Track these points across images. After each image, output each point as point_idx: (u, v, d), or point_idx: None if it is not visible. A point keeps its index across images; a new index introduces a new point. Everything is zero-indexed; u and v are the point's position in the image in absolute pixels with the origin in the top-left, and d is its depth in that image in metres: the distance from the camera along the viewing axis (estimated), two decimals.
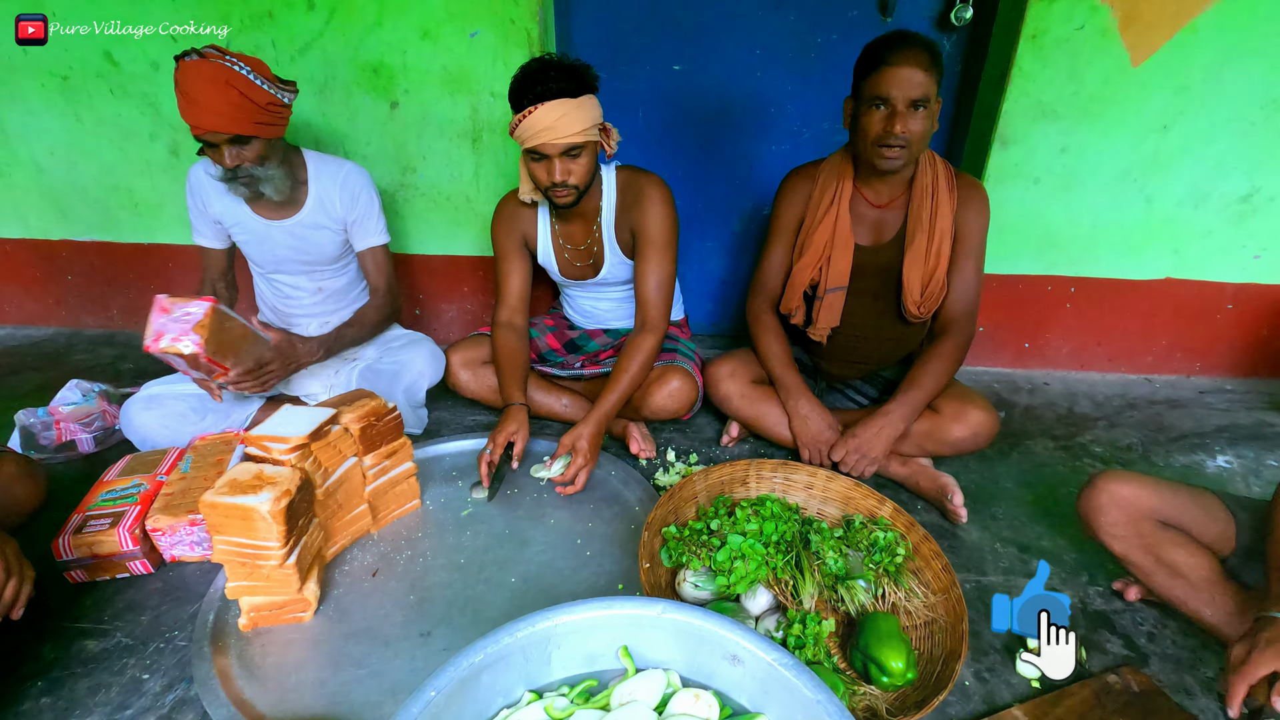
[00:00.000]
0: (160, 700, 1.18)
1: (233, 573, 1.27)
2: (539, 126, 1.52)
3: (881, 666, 1.14)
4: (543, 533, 1.56)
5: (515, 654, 0.98)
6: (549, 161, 1.58)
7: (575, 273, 1.89)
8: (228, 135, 1.59)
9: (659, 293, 1.74)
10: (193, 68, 1.54)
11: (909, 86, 1.45)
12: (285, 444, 1.32)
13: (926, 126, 1.51)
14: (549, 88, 1.49)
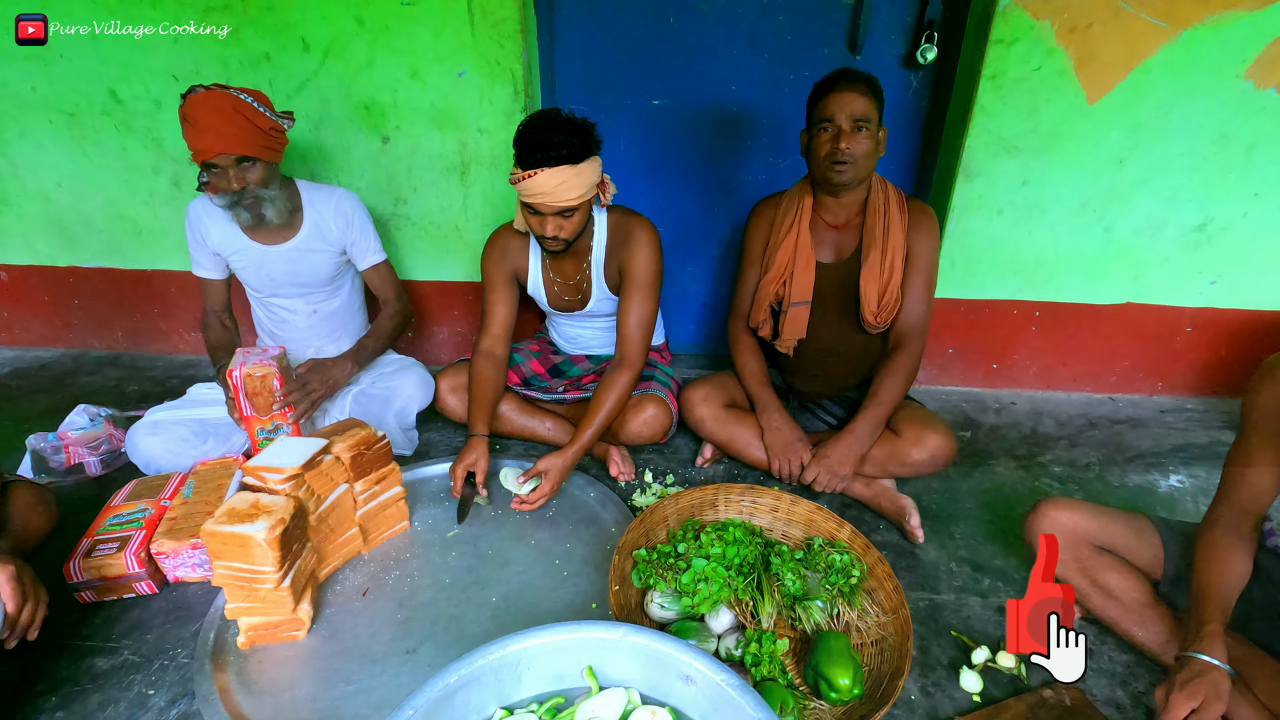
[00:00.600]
0: (165, 715, 1.27)
1: (231, 595, 1.37)
2: (538, 190, 1.60)
3: (830, 683, 1.24)
4: (524, 553, 1.66)
5: (488, 674, 1.08)
6: (543, 217, 1.67)
7: (563, 305, 1.98)
8: (235, 157, 1.71)
9: (639, 330, 1.82)
10: (201, 99, 1.68)
11: (852, 108, 1.62)
12: (280, 474, 1.42)
13: (870, 147, 1.66)
14: (553, 154, 1.56)
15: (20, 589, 1.15)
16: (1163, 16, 1.86)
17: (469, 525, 1.74)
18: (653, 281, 1.83)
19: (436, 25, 2.01)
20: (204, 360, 2.61)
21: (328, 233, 1.95)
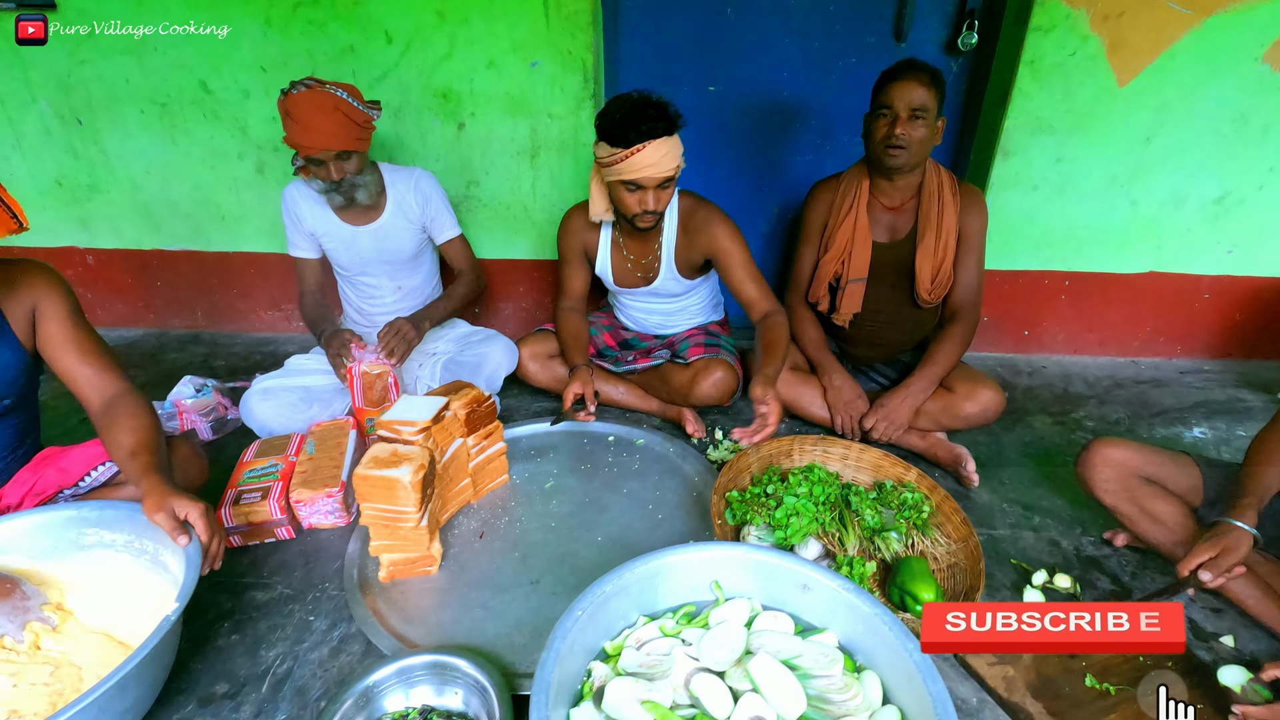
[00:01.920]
0: (328, 636, 1.44)
1: (376, 534, 1.53)
2: (644, 163, 1.71)
3: (915, 597, 1.42)
4: (617, 500, 1.83)
5: (633, 586, 1.25)
6: (644, 192, 1.78)
7: (629, 281, 2.14)
8: (335, 152, 1.86)
9: (760, 288, 1.96)
10: (304, 98, 1.81)
11: (911, 97, 1.76)
12: (413, 426, 1.58)
13: (925, 134, 1.80)
14: (654, 127, 1.69)
15: (210, 523, 1.31)
16: (1188, 4, 2.03)
17: (565, 478, 1.91)
18: (744, 248, 1.97)
19: (513, 18, 2.16)
20: (280, 337, 2.76)
21: (409, 211, 2.11)
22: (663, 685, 1.14)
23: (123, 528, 1.38)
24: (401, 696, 1.24)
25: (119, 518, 1.38)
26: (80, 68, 2.31)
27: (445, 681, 1.25)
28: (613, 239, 2.08)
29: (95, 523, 1.39)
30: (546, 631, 1.40)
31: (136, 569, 1.38)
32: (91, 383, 1.45)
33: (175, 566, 1.35)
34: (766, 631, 1.23)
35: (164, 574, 1.37)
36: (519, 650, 1.39)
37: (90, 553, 1.40)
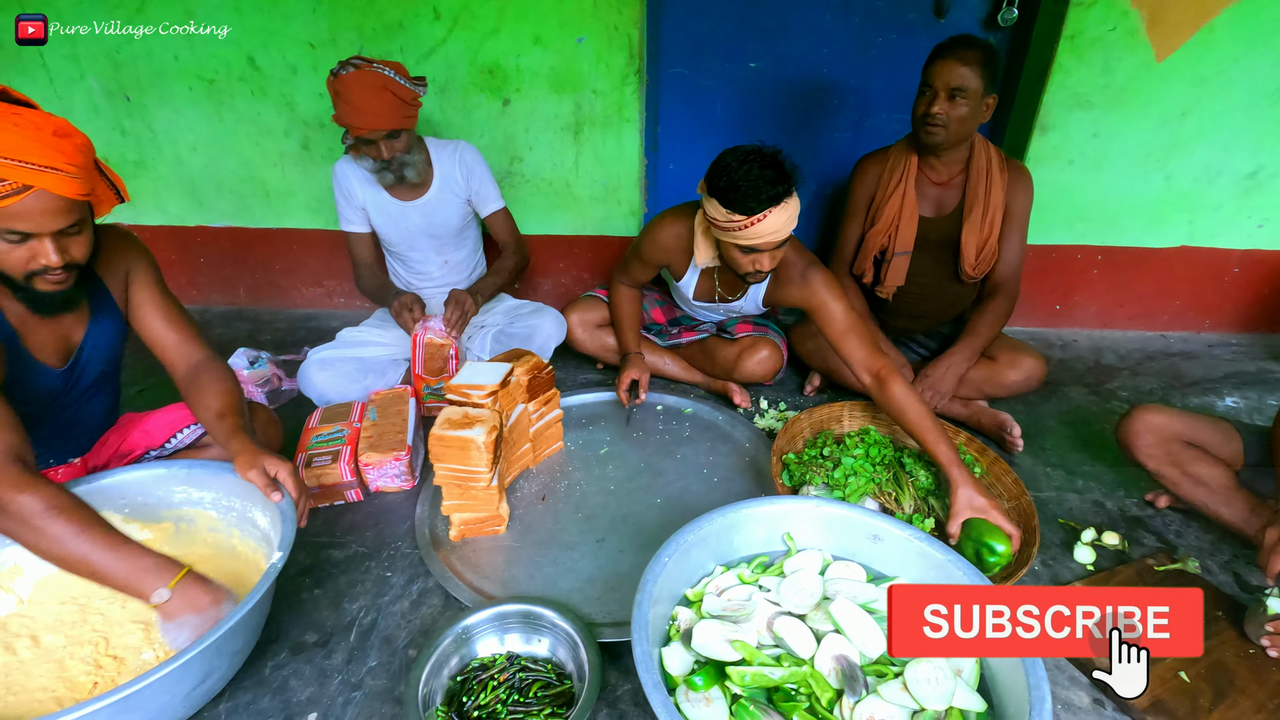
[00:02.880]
0: (407, 590, 1.50)
1: (448, 493, 1.59)
2: (767, 231, 1.60)
3: (990, 549, 1.45)
4: (672, 465, 1.88)
5: (711, 537, 1.31)
6: (760, 255, 1.68)
7: (709, 299, 2.08)
8: (385, 131, 1.89)
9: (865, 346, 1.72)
10: (354, 79, 1.84)
11: (950, 76, 1.78)
12: (482, 390, 1.63)
13: (965, 114, 1.82)
14: (779, 191, 1.57)
15: (298, 482, 1.36)
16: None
17: (619, 444, 1.96)
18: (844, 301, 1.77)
19: None
20: (323, 313, 2.80)
21: (454, 184, 2.15)
22: (747, 627, 1.19)
23: (211, 485, 1.44)
24: (494, 641, 1.29)
25: (208, 476, 1.44)
26: (130, 44, 2.33)
27: (534, 630, 1.30)
28: (703, 270, 1.99)
29: (185, 480, 1.44)
30: (617, 586, 1.48)
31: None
32: (178, 349, 1.50)
33: (263, 522, 1.40)
34: (840, 579, 1.29)
35: (251, 530, 1.43)
36: (593, 603, 1.45)
37: (179, 510, 1.45)
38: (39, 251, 1.17)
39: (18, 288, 1.22)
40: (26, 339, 1.31)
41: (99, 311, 1.41)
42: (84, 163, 1.17)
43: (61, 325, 1.37)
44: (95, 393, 1.49)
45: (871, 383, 1.68)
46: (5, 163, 1.07)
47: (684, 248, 1.92)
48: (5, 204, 1.10)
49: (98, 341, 1.42)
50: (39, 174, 1.10)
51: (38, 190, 1.10)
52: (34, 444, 1.42)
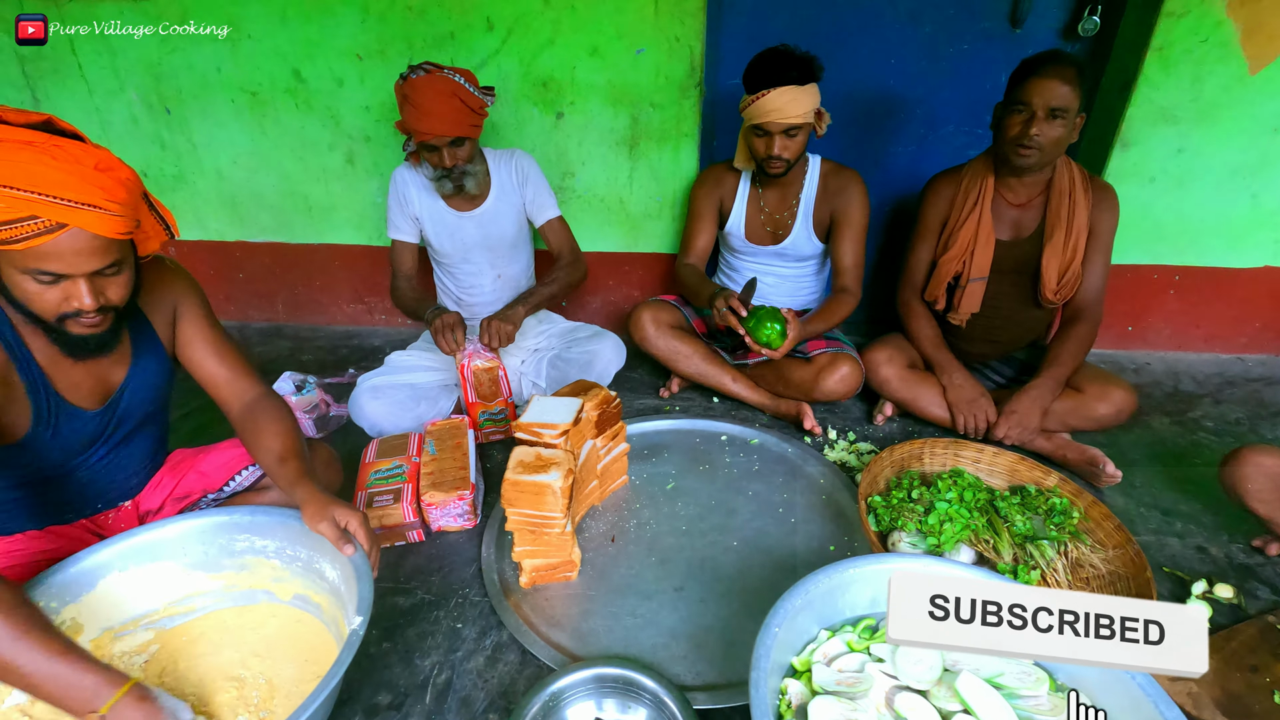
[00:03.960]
0: (480, 644, 1.41)
1: (520, 539, 1.50)
2: (769, 108, 1.82)
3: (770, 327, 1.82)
4: (745, 503, 1.79)
5: (818, 599, 1.21)
6: (770, 138, 1.87)
7: (759, 237, 2.13)
8: (449, 138, 1.83)
9: (854, 262, 2.08)
10: (424, 83, 1.79)
11: (1051, 95, 1.67)
12: (555, 430, 1.54)
13: (1062, 134, 1.72)
14: (783, 75, 1.78)
15: (369, 533, 1.27)
16: None
17: (685, 478, 1.86)
18: (865, 225, 2.08)
19: (620, 2, 2.09)
20: (364, 330, 2.73)
21: (510, 193, 2.09)
22: (865, 704, 1.10)
23: (275, 534, 1.36)
24: (588, 707, 1.21)
25: (271, 524, 1.35)
26: (171, 56, 2.26)
27: (630, 698, 1.22)
28: (750, 191, 2.11)
29: (247, 529, 1.36)
30: (703, 642, 1.40)
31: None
32: (231, 386, 1.42)
33: (331, 574, 1.32)
34: None
35: (319, 581, 1.35)
36: (679, 661, 1.36)
37: (241, 559, 1.37)
38: (72, 294, 1.07)
39: (50, 329, 1.12)
40: (57, 381, 1.21)
41: (142, 350, 1.32)
42: (127, 199, 1.07)
43: (99, 365, 1.27)
44: (137, 433, 1.40)
45: (834, 287, 2.12)
46: (38, 199, 0.98)
47: (729, 182, 2.13)
48: (37, 243, 1.00)
49: (141, 382, 1.33)
50: (75, 211, 1.00)
51: (73, 229, 1.01)
52: (71, 492, 1.35)
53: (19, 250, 1.01)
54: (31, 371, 1.18)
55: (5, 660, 0.94)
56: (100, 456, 1.35)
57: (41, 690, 0.96)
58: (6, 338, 1.14)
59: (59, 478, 1.31)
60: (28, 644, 0.95)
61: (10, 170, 0.97)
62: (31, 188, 0.98)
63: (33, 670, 0.94)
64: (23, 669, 0.94)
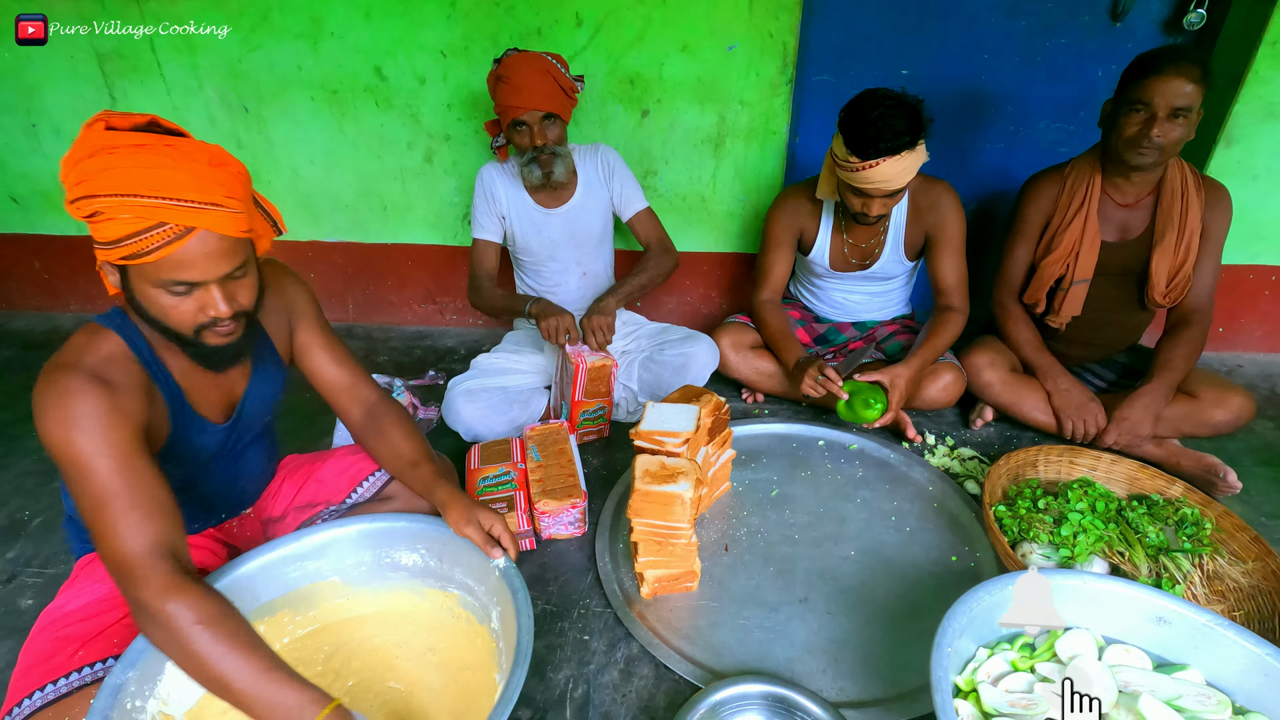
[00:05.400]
0: (611, 657, 1.39)
1: (646, 549, 1.47)
2: (878, 179, 1.69)
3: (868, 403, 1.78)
4: (855, 510, 1.75)
5: (979, 616, 1.18)
6: (870, 199, 1.76)
7: (844, 266, 2.06)
8: (543, 113, 1.84)
9: (957, 279, 1.98)
10: (518, 59, 1.83)
11: (1174, 95, 1.61)
12: (677, 438, 1.51)
13: (1182, 134, 1.66)
14: (896, 143, 1.63)
15: (512, 537, 1.25)
16: None
17: (788, 485, 1.83)
18: (963, 238, 1.97)
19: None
20: (435, 330, 2.70)
21: (597, 188, 2.07)
22: None
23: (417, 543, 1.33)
24: None
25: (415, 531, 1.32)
26: (252, 54, 2.23)
27: (786, 717, 1.19)
28: (834, 221, 2.01)
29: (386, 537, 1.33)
30: (839, 656, 1.37)
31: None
32: (351, 392, 1.39)
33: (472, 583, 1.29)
34: (1125, 667, 1.16)
35: (452, 588, 1.32)
36: (818, 677, 1.33)
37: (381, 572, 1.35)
38: (207, 302, 1.02)
39: (186, 343, 1.08)
40: (192, 396, 1.18)
41: (261, 359, 1.28)
42: (244, 194, 1.03)
43: (226, 378, 1.24)
44: (255, 442, 1.38)
45: (937, 304, 2.01)
46: (163, 204, 0.93)
47: (809, 211, 2.01)
48: (168, 252, 0.95)
49: (260, 393, 1.30)
50: (201, 212, 0.95)
51: (200, 232, 0.96)
52: (198, 503, 1.33)
53: (151, 263, 0.96)
54: (171, 388, 1.15)
55: (220, 677, 0.94)
56: (223, 467, 1.33)
57: (248, 705, 0.95)
58: (145, 357, 1.11)
59: (184, 489, 1.28)
60: (237, 659, 0.95)
61: (131, 177, 0.92)
62: (156, 193, 0.93)
63: (242, 687, 0.94)
64: (233, 685, 0.94)
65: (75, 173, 0.94)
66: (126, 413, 1.02)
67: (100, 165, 0.93)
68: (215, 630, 0.95)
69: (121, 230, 0.94)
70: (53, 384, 0.98)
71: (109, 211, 0.93)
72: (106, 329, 1.07)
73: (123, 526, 0.97)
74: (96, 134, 0.94)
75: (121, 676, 1.01)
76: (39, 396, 0.98)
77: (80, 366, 1.00)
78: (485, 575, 1.26)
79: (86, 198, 0.94)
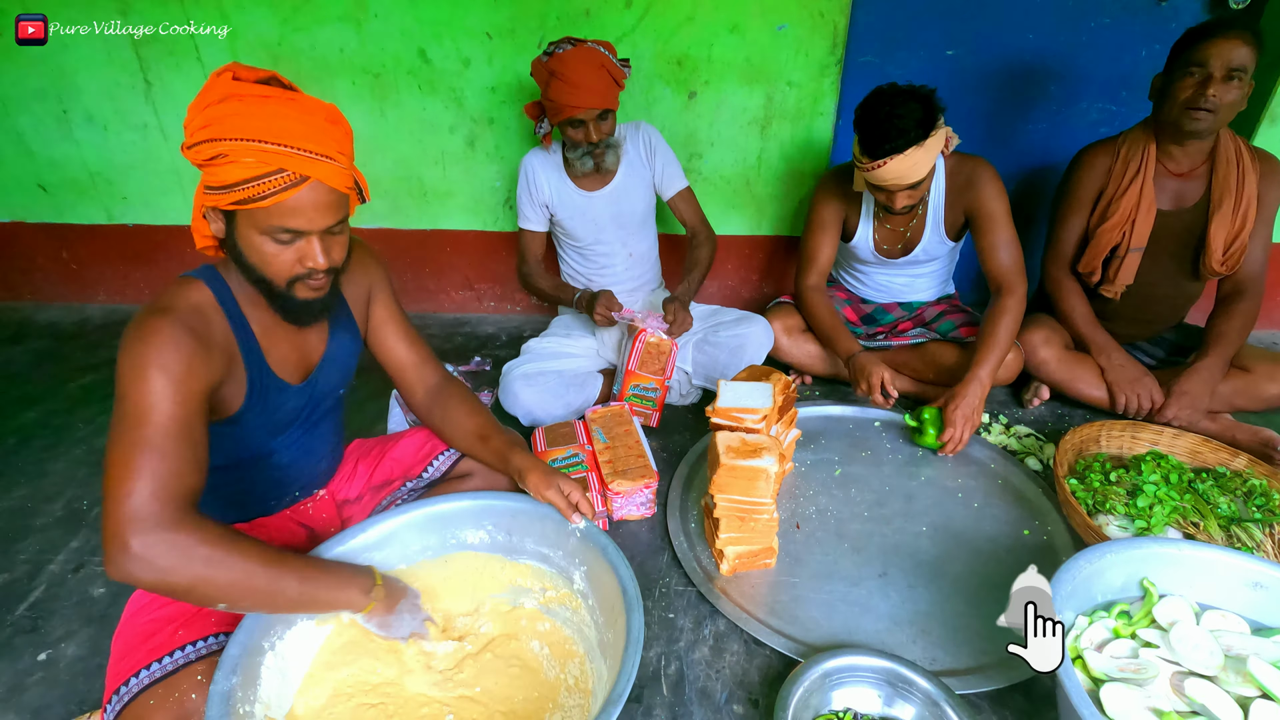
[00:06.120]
0: (699, 633, 1.39)
1: (728, 525, 1.47)
2: (890, 176, 1.69)
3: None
4: (920, 488, 1.76)
5: (1080, 586, 1.19)
6: (892, 194, 1.76)
7: (886, 252, 2.05)
8: (599, 111, 1.81)
9: (1011, 259, 1.88)
10: (573, 56, 1.76)
11: (1231, 55, 1.63)
12: (756, 414, 1.51)
13: (1236, 98, 1.68)
14: (901, 141, 1.63)
15: (591, 505, 1.25)
16: None
17: (850, 464, 1.84)
18: (1008, 213, 1.90)
19: None
20: (473, 318, 2.68)
21: (639, 167, 2.06)
22: (1155, 691, 1.08)
23: (484, 519, 1.32)
24: (859, 692, 1.19)
25: (480, 509, 1.32)
26: (294, 36, 2.19)
27: (896, 692, 1.19)
28: (874, 209, 2.00)
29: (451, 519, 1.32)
30: (927, 628, 1.38)
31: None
32: (419, 370, 1.41)
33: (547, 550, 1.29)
34: (1225, 632, 1.18)
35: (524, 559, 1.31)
36: (910, 647, 1.34)
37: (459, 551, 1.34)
38: (306, 253, 1.05)
39: (275, 295, 1.09)
40: (270, 354, 1.18)
41: (338, 327, 1.29)
42: (351, 152, 1.07)
43: (304, 339, 1.24)
44: (326, 416, 1.37)
45: (993, 289, 1.90)
46: (285, 151, 0.96)
47: (853, 196, 1.96)
48: (283, 198, 0.98)
49: (336, 358, 1.29)
50: (317, 163, 0.98)
51: (314, 181, 0.99)
52: (273, 476, 1.32)
53: (264, 208, 0.98)
54: (250, 344, 1.15)
55: (278, 584, 1.00)
56: (296, 438, 1.31)
57: (317, 599, 1.05)
58: (231, 310, 1.11)
59: (259, 459, 1.27)
60: (283, 570, 1.01)
61: (256, 124, 0.95)
62: (279, 140, 0.96)
63: (299, 590, 1.02)
64: (297, 585, 1.02)
65: (202, 117, 0.97)
66: (206, 367, 1.02)
67: (229, 110, 0.95)
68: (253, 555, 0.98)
69: (242, 174, 0.96)
70: (145, 325, 0.99)
71: (233, 155, 0.95)
72: (197, 280, 1.09)
73: (156, 471, 0.93)
74: (225, 82, 0.97)
75: (227, 684, 1.00)
76: (129, 334, 0.99)
77: (173, 311, 1.01)
78: (561, 540, 1.27)
79: (211, 140, 0.96)
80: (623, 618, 1.09)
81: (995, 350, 1.82)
